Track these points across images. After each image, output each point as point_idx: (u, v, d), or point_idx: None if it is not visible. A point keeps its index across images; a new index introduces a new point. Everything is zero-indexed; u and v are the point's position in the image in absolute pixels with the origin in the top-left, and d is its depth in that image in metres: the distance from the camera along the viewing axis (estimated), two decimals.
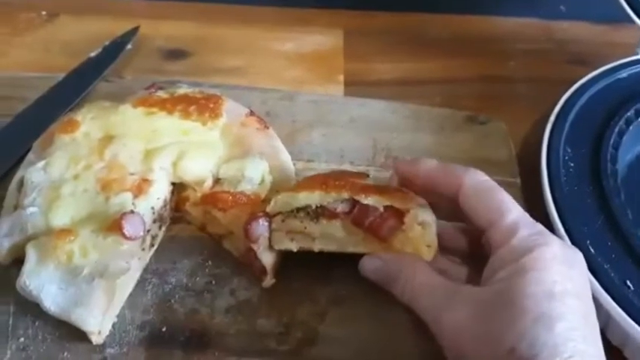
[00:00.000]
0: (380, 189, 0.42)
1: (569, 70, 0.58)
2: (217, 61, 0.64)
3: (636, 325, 0.38)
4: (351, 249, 0.42)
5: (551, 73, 0.63)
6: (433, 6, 0.70)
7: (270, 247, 0.43)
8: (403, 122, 0.56)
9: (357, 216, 0.41)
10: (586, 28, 0.69)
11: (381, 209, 0.40)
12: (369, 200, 0.41)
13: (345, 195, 0.41)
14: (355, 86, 0.62)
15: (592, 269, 0.40)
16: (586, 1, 0.59)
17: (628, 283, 0.39)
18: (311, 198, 0.42)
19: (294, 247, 0.43)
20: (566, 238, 0.41)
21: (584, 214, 0.43)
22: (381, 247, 0.41)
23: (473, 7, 0.70)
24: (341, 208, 0.41)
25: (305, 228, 0.42)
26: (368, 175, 0.46)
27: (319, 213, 0.42)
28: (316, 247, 0.42)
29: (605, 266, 0.40)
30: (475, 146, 0.54)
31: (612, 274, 0.40)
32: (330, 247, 0.42)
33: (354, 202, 0.41)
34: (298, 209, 0.42)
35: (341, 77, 0.63)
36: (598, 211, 0.43)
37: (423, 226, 0.40)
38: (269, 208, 0.43)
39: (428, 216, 0.41)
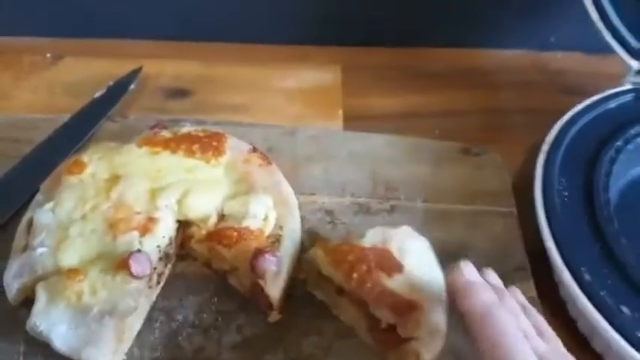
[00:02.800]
0: (396, 304, 0.41)
1: (561, 100, 0.59)
2: (219, 99, 0.66)
3: (633, 350, 0.39)
4: (361, 334, 0.44)
5: (544, 103, 0.65)
6: (427, 41, 0.72)
7: (277, 281, 0.44)
8: (401, 155, 0.58)
9: (367, 317, 0.43)
10: (576, 58, 0.71)
11: (384, 324, 0.41)
12: (378, 312, 0.41)
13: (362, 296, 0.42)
14: (354, 120, 0.64)
15: (589, 295, 0.41)
16: (576, 33, 0.61)
17: (623, 308, 0.40)
18: (335, 275, 0.44)
19: (320, 297, 0.46)
20: (562, 265, 0.42)
21: (579, 242, 0.44)
22: (383, 350, 0.43)
23: (466, 40, 0.72)
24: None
25: (330, 293, 0.45)
26: (401, 270, 0.43)
27: (342, 290, 0.44)
28: (334, 311, 0.45)
29: (601, 293, 0.41)
30: (471, 177, 0.56)
31: (608, 300, 0.41)
32: (344, 318, 0.45)
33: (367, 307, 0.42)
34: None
35: (340, 112, 0.65)
36: (593, 239, 0.44)
37: (417, 357, 0.40)
38: (309, 255, 0.45)
39: (427, 352, 0.41)
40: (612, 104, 0.55)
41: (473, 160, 0.58)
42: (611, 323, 0.40)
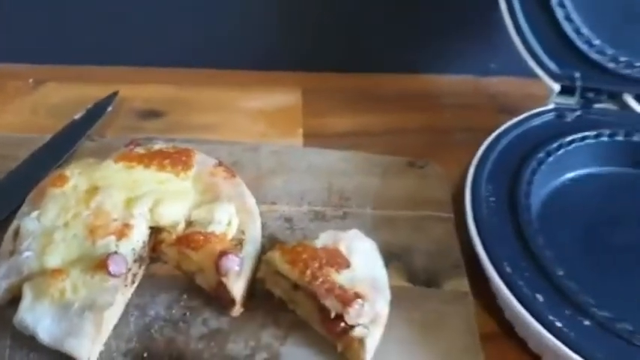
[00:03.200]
0: (342, 296, 0.46)
1: (499, 119, 0.65)
2: (189, 120, 0.71)
3: (546, 331, 0.45)
4: (314, 326, 0.49)
5: (483, 122, 0.69)
6: (379, 67, 0.78)
7: (239, 280, 0.50)
8: (353, 168, 0.64)
9: (319, 309, 0.48)
10: (512, 82, 0.78)
11: (333, 314, 0.46)
12: (328, 303, 0.47)
13: (313, 288, 0.47)
14: (313, 138, 0.70)
15: (509, 285, 0.47)
16: (511, 60, 0.67)
17: (538, 295, 0.47)
18: (290, 273, 0.49)
19: (278, 293, 0.51)
20: (487, 260, 0.49)
21: (502, 240, 0.50)
22: (332, 338, 0.48)
23: (414, 66, 0.79)
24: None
25: (286, 290, 0.50)
26: (348, 266, 0.49)
27: (297, 286, 0.49)
28: (290, 306, 0.50)
29: (520, 282, 0.47)
30: (416, 187, 0.62)
31: (525, 290, 0.47)
32: (300, 313, 0.50)
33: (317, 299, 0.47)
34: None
35: (300, 131, 0.71)
36: (514, 238, 0.51)
37: (361, 343, 0.46)
38: (268, 257, 0.50)
39: (369, 337, 0.46)
40: (536, 122, 0.62)
41: (417, 172, 0.64)
42: (527, 309, 0.46)
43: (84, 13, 0.75)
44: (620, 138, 0.61)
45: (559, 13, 0.59)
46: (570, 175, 0.60)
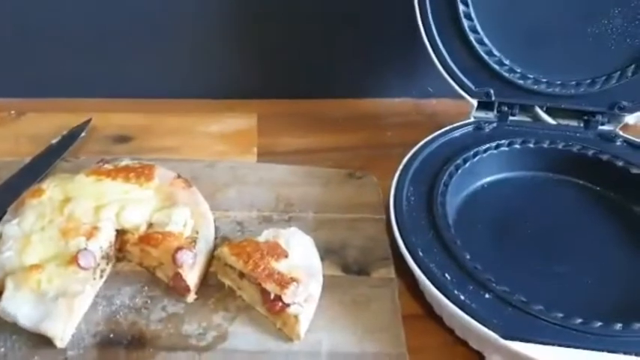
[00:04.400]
0: (280, 280, 0.54)
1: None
2: (155, 143, 0.78)
3: (453, 305, 0.53)
4: (258, 308, 0.57)
5: (421, 138, 0.71)
6: (327, 93, 0.87)
7: (192, 270, 0.57)
8: (299, 180, 0.71)
9: (261, 293, 0.56)
10: (448, 103, 0.85)
11: (273, 296, 0.54)
12: (267, 286, 0.54)
13: (255, 275, 0.55)
14: (265, 156, 0.77)
15: (421, 267, 0.55)
16: (447, 83, 0.75)
17: (446, 275, 0.55)
18: (236, 263, 0.57)
19: (228, 283, 0.58)
20: (403, 247, 0.57)
21: (418, 231, 0.58)
22: (272, 317, 0.55)
23: (359, 92, 0.87)
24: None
25: (234, 279, 0.58)
26: (287, 256, 0.57)
27: (243, 274, 0.57)
28: (238, 292, 0.58)
29: (431, 265, 0.55)
30: (353, 194, 0.70)
31: (435, 270, 0.55)
32: (246, 298, 0.58)
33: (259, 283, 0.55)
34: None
35: (255, 149, 0.78)
36: (429, 228, 0.58)
37: (296, 318, 0.54)
38: (218, 252, 0.58)
39: (302, 314, 0.53)
40: (457, 133, 0.70)
41: (355, 181, 0.72)
42: (436, 286, 0.54)
43: (59, 52, 0.82)
44: (531, 145, 0.69)
45: (472, 37, 0.68)
46: (487, 179, 0.68)
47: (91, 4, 0.80)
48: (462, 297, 0.53)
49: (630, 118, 0.81)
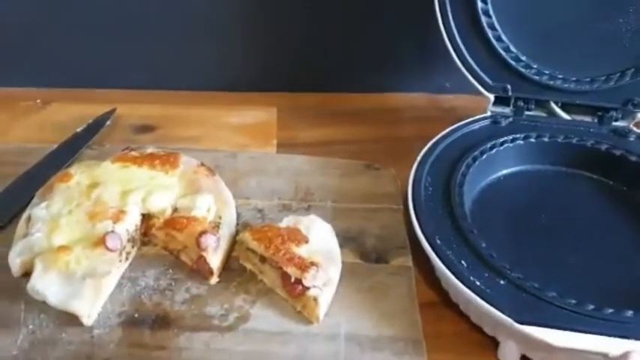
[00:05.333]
0: (300, 264, 0.56)
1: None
2: (179, 133, 0.80)
3: (469, 291, 0.54)
4: (278, 291, 0.59)
5: (438, 132, 0.73)
6: (347, 87, 0.88)
7: (216, 254, 0.59)
8: (318, 170, 0.73)
9: (282, 277, 0.57)
10: (465, 98, 0.85)
11: (293, 279, 0.56)
12: (288, 270, 0.56)
13: (276, 259, 0.57)
14: (285, 147, 0.79)
15: (438, 254, 0.57)
16: (464, 79, 0.76)
17: (462, 262, 0.56)
18: (258, 248, 0.59)
19: (249, 267, 0.60)
20: (421, 235, 0.58)
21: (435, 220, 0.59)
22: (292, 300, 0.57)
23: (377, 86, 0.89)
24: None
25: (255, 263, 0.60)
26: (307, 242, 0.59)
27: (264, 258, 0.59)
28: (259, 276, 0.60)
29: (448, 252, 0.57)
30: (371, 185, 0.71)
31: (452, 257, 0.56)
32: (267, 282, 0.59)
33: (280, 267, 0.57)
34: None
35: (274, 141, 0.80)
36: (446, 217, 0.60)
37: (315, 301, 0.56)
38: (240, 237, 0.60)
39: (321, 297, 0.55)
40: (474, 127, 0.71)
41: (373, 173, 0.74)
42: (452, 272, 0.55)
43: (85, 43, 0.85)
44: (545, 139, 0.70)
45: (490, 34, 0.69)
46: (504, 171, 0.70)
47: None
48: (478, 283, 0.54)
49: None
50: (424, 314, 0.58)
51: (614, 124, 0.72)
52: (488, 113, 0.73)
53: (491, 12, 0.68)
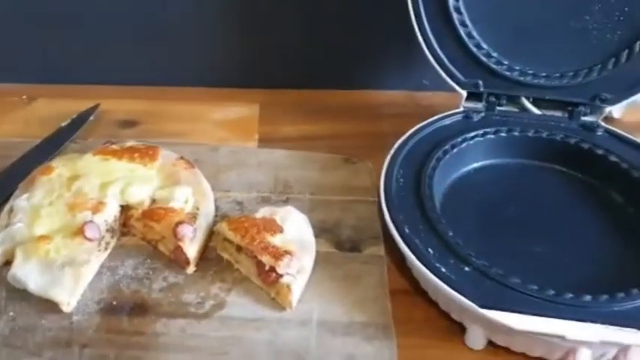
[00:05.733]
0: (275, 252, 0.58)
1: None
2: (162, 128, 0.81)
3: (437, 279, 0.56)
4: (253, 279, 0.60)
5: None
6: (328, 85, 0.90)
7: (192, 244, 0.61)
8: (298, 164, 0.75)
9: (256, 265, 0.59)
10: (443, 95, 0.87)
11: (267, 267, 0.58)
12: (263, 258, 0.58)
13: (251, 248, 0.59)
14: (266, 142, 0.80)
15: (406, 242, 0.58)
16: (443, 77, 0.79)
17: (429, 250, 0.58)
18: (234, 237, 0.61)
19: (226, 257, 0.62)
20: (390, 223, 0.60)
21: (405, 209, 0.61)
22: (267, 288, 0.59)
23: (358, 83, 0.91)
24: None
25: (232, 253, 0.61)
26: (282, 231, 0.60)
27: (240, 248, 0.61)
28: (235, 265, 0.62)
29: (416, 240, 0.58)
30: (349, 178, 0.73)
31: (419, 245, 0.58)
32: (243, 271, 0.61)
33: (255, 256, 0.59)
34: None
35: (256, 136, 0.81)
36: (416, 207, 0.61)
37: (288, 288, 0.57)
38: (216, 227, 0.62)
39: (294, 284, 0.57)
40: (447, 121, 0.73)
41: (351, 166, 0.75)
42: (419, 259, 0.57)
43: (71, 40, 0.86)
44: (516, 133, 0.72)
45: (462, 31, 0.71)
46: (475, 165, 0.71)
47: None
48: (444, 270, 0.56)
49: (616, 112, 0.85)
50: (397, 301, 0.60)
51: (583, 118, 0.74)
52: (461, 109, 0.75)
53: (462, 9, 0.70)
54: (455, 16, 0.70)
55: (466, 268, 0.56)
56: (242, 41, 0.89)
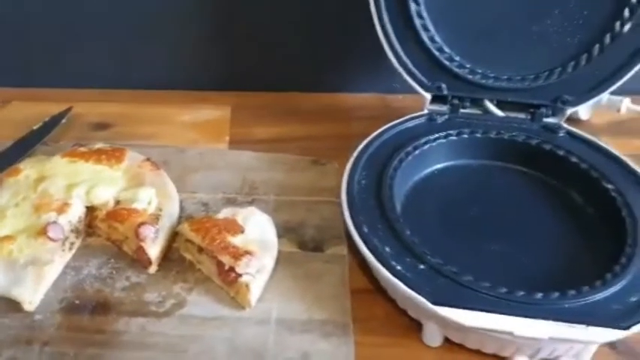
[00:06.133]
0: (234, 252, 0.59)
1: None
2: (133, 130, 0.82)
3: (392, 277, 0.57)
4: (214, 279, 0.61)
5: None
6: (300, 87, 0.91)
7: (154, 244, 0.62)
8: (266, 165, 0.76)
9: (217, 265, 0.60)
10: (414, 99, 0.89)
11: (227, 267, 0.59)
12: (222, 258, 0.59)
13: (211, 248, 0.60)
14: (237, 144, 0.81)
15: (364, 241, 0.59)
16: None
17: (386, 248, 0.59)
18: (195, 238, 0.62)
19: (189, 257, 0.63)
20: (350, 222, 0.61)
21: (366, 210, 0.62)
22: (227, 287, 0.60)
23: (329, 86, 0.92)
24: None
25: (194, 253, 0.63)
26: (243, 232, 0.61)
27: (201, 248, 0.61)
28: (197, 266, 0.63)
29: (374, 239, 0.59)
30: (315, 179, 0.74)
31: (377, 244, 0.59)
32: (204, 271, 0.62)
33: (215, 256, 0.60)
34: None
35: (227, 138, 0.82)
36: (376, 208, 0.62)
37: (247, 287, 0.58)
38: (179, 228, 0.63)
39: (253, 283, 0.58)
40: (411, 124, 0.74)
41: (319, 168, 0.76)
42: (376, 257, 0.58)
43: (45, 44, 0.88)
44: (478, 135, 0.73)
45: (424, 35, 0.73)
46: (437, 166, 0.72)
47: None
48: (399, 267, 0.57)
49: (583, 114, 0.86)
50: (358, 300, 0.61)
51: (545, 120, 0.75)
52: (425, 111, 0.76)
53: (424, 13, 0.71)
54: (417, 20, 0.72)
55: (421, 266, 0.57)
56: (215, 45, 0.90)
